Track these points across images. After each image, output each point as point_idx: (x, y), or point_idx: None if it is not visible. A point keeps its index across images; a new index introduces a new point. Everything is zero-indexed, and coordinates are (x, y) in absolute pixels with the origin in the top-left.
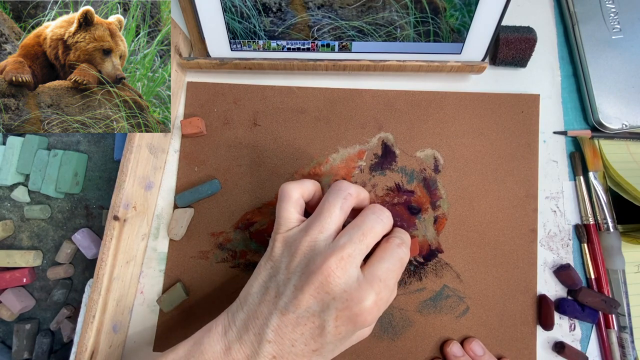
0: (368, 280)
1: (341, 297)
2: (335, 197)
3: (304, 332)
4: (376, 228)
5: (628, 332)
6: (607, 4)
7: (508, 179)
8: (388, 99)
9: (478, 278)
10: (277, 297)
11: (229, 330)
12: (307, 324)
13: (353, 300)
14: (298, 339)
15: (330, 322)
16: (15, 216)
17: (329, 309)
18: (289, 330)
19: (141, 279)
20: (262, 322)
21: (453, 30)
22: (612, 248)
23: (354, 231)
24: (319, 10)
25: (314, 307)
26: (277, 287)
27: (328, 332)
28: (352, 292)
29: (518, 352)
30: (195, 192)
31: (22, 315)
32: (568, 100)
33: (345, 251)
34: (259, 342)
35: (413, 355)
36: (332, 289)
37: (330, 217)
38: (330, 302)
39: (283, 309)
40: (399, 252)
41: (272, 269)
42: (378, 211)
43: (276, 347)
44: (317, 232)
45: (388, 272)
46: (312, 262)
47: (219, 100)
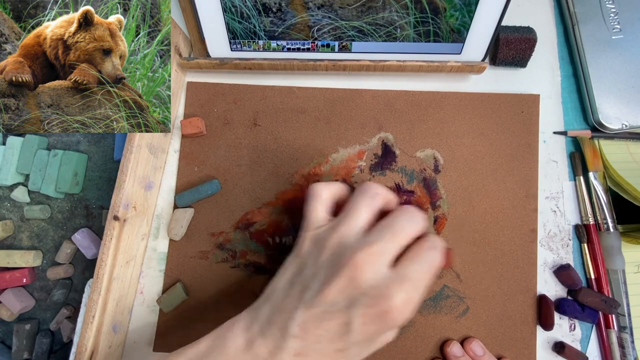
0: (398, 278)
1: (370, 293)
2: (362, 196)
3: (329, 329)
4: (407, 229)
5: (628, 332)
6: (607, 4)
7: (508, 179)
8: (388, 99)
9: (478, 278)
10: (303, 291)
11: (251, 325)
12: (332, 320)
13: (382, 296)
14: (323, 335)
15: (357, 319)
16: (15, 216)
17: (356, 304)
18: (314, 326)
19: (141, 279)
20: (286, 316)
21: (453, 30)
22: (612, 248)
23: (385, 229)
24: (319, 11)
25: (340, 302)
26: (303, 281)
27: (354, 329)
28: (381, 288)
29: (518, 352)
30: (195, 192)
31: (22, 315)
32: (568, 100)
33: (375, 247)
34: (283, 336)
35: (413, 355)
36: (360, 284)
37: (358, 215)
38: (358, 297)
39: (309, 303)
40: (430, 256)
41: (299, 266)
42: (411, 212)
43: (300, 343)
44: (346, 228)
45: (418, 273)
46: (341, 256)
47: (219, 100)
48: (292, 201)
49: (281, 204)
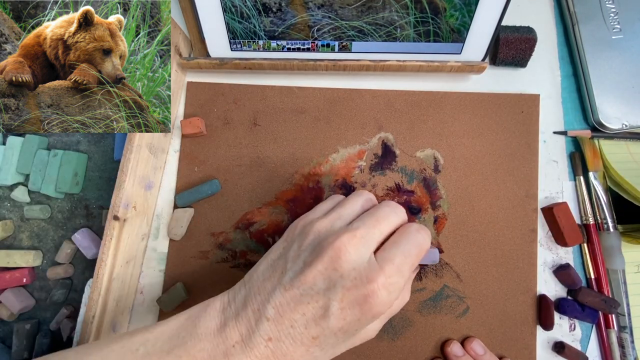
0: (379, 261)
1: (349, 275)
2: (358, 196)
3: (305, 312)
4: (391, 217)
5: (628, 332)
6: (607, 4)
7: (508, 179)
8: (388, 99)
9: (478, 278)
10: (282, 274)
11: (227, 307)
12: (310, 303)
13: (362, 279)
14: (299, 319)
15: (335, 303)
16: (15, 216)
17: (336, 287)
18: (290, 309)
19: (141, 279)
20: (263, 297)
21: (453, 30)
22: (612, 248)
23: (368, 217)
24: (319, 10)
25: (319, 285)
26: (285, 263)
27: (332, 314)
28: (361, 270)
29: (518, 352)
30: (195, 192)
31: (22, 315)
32: (568, 100)
33: (359, 232)
34: (256, 319)
35: (413, 355)
36: (341, 265)
37: (350, 209)
38: (338, 280)
39: (287, 284)
40: (417, 237)
41: (283, 249)
42: (393, 204)
43: (274, 327)
44: (336, 217)
45: (402, 256)
46: (325, 240)
47: (219, 100)
48: (292, 201)
49: (281, 204)
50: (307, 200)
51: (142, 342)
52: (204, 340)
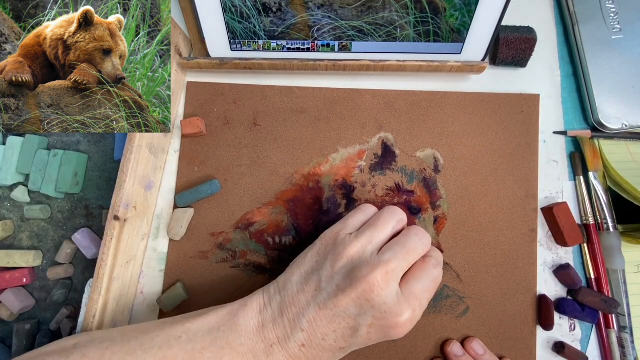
0: (406, 297)
1: (380, 308)
2: (391, 216)
3: (336, 330)
4: (419, 249)
5: (628, 332)
6: (607, 4)
7: (508, 179)
8: (388, 99)
9: (478, 278)
10: (317, 291)
11: (264, 309)
12: (341, 323)
13: (391, 313)
14: (330, 334)
15: (364, 327)
16: (15, 216)
17: (366, 315)
18: (323, 325)
19: (141, 279)
20: (298, 310)
21: (453, 30)
22: (612, 248)
23: (399, 248)
24: (319, 10)
25: (351, 310)
26: (319, 281)
27: (359, 335)
28: (391, 305)
29: (518, 352)
30: (195, 192)
31: (22, 315)
32: (568, 100)
33: (390, 266)
34: (292, 328)
35: (413, 355)
36: (373, 299)
37: (383, 232)
38: (369, 309)
39: (322, 304)
40: (434, 273)
41: (316, 263)
42: (421, 233)
43: (307, 337)
44: (367, 241)
45: (423, 291)
46: (359, 270)
47: (219, 100)
48: (292, 201)
49: (281, 204)
50: (307, 200)
51: (184, 331)
52: (244, 337)
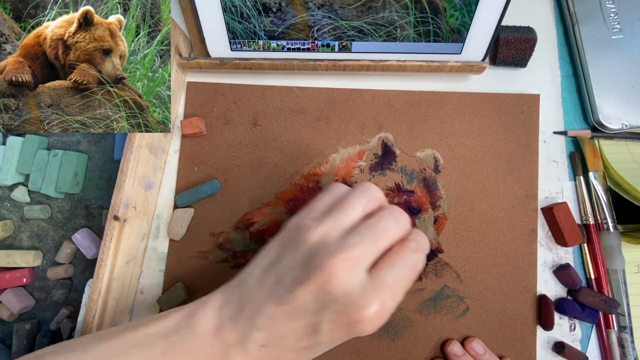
0: (375, 287)
1: (341, 301)
2: (360, 194)
3: (296, 328)
4: (391, 230)
5: (628, 332)
6: (607, 4)
7: (508, 179)
8: (388, 99)
9: (478, 278)
10: (275, 285)
11: (223, 308)
12: (301, 321)
13: (354, 306)
14: (290, 333)
15: (324, 324)
16: (15, 216)
17: (326, 310)
18: (282, 323)
19: (141, 279)
20: (255, 307)
21: (453, 30)
22: (612, 248)
23: (367, 230)
24: (319, 10)
25: (310, 305)
26: (277, 274)
27: (321, 333)
28: (354, 297)
29: (518, 352)
30: (195, 192)
31: (22, 315)
32: (568, 100)
33: (354, 252)
34: (250, 327)
35: (413, 355)
36: (333, 290)
37: (350, 214)
38: (329, 303)
39: (279, 299)
40: (412, 259)
41: (278, 254)
42: (395, 213)
43: (266, 337)
44: (332, 225)
45: (398, 280)
46: (317, 257)
47: (219, 100)
48: (292, 201)
49: (281, 204)
50: (307, 200)
51: (144, 337)
52: (201, 339)
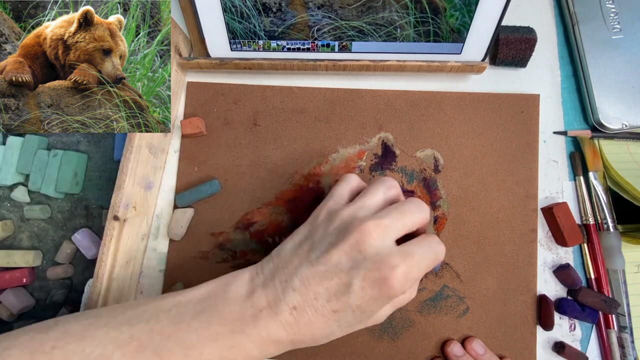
0: (402, 252)
1: (372, 259)
2: (380, 184)
3: (329, 287)
4: (415, 213)
5: (628, 332)
6: (607, 4)
7: (508, 179)
8: (388, 99)
9: (478, 278)
10: (310, 251)
11: (255, 277)
12: (334, 279)
13: (384, 263)
14: (322, 293)
15: (356, 281)
16: (15, 216)
17: (359, 267)
18: (316, 282)
19: (141, 279)
20: (290, 271)
21: (453, 30)
22: (612, 248)
23: (393, 209)
24: (319, 10)
25: (344, 264)
26: (311, 244)
27: (353, 291)
28: (384, 255)
29: (518, 352)
30: (195, 192)
31: (22, 316)
32: (568, 100)
33: (384, 221)
34: (283, 289)
35: (413, 355)
36: (366, 249)
37: (372, 198)
38: (361, 261)
39: (314, 261)
40: (437, 247)
41: (309, 232)
42: (418, 201)
43: (299, 297)
44: (359, 206)
45: (421, 255)
46: (351, 224)
47: (219, 100)
48: (292, 201)
49: (281, 204)
50: (307, 200)
51: (175, 304)
52: (233, 304)
